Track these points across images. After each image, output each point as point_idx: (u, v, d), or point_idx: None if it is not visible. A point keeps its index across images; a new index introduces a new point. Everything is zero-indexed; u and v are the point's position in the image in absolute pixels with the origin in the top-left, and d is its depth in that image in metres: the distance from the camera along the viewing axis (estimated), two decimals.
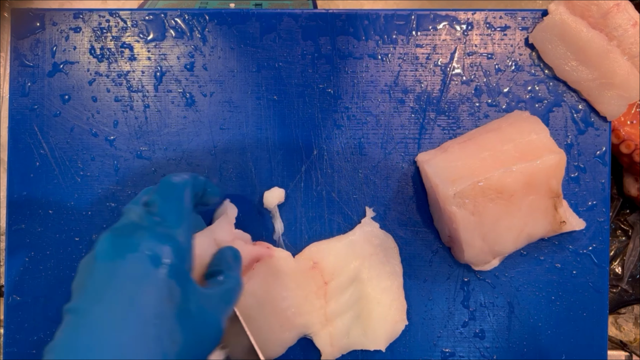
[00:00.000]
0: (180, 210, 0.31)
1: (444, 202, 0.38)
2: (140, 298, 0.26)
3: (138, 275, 0.27)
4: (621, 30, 0.40)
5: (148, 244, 0.28)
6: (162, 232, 0.29)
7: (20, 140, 0.43)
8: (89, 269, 0.28)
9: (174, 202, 0.31)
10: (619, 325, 0.62)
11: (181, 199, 0.31)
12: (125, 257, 0.27)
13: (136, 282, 0.27)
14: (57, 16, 0.43)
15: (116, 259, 0.27)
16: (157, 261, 0.27)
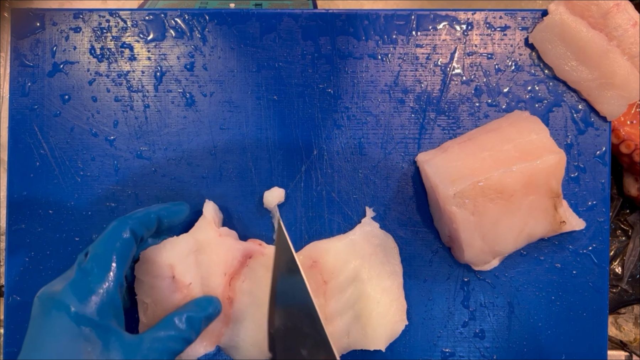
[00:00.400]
0: (106, 262, 0.32)
1: (444, 202, 0.38)
2: (61, 351, 0.29)
3: (57, 330, 0.30)
4: (621, 30, 0.40)
5: (67, 300, 0.30)
6: (83, 286, 0.31)
7: (20, 140, 0.43)
8: (30, 321, 0.31)
9: (102, 254, 0.33)
10: (619, 325, 0.62)
11: (110, 250, 0.33)
12: (49, 313, 0.30)
13: (55, 337, 0.30)
14: (57, 16, 0.43)
15: (43, 314, 0.31)
16: (74, 317, 0.30)
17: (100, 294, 0.31)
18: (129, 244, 0.34)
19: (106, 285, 0.31)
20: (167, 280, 0.37)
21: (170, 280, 0.37)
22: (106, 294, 0.31)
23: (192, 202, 0.43)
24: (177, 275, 0.37)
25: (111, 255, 0.32)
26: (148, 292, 0.37)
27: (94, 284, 0.31)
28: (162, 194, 0.43)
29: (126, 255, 0.33)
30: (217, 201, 0.42)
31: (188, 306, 0.36)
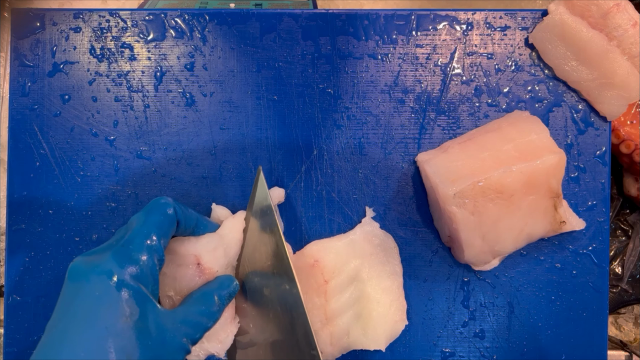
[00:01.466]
0: (148, 233, 0.33)
1: (444, 202, 0.38)
2: (96, 315, 0.29)
3: (96, 294, 0.30)
4: (621, 30, 0.40)
5: (108, 265, 0.30)
6: (124, 253, 0.31)
7: (20, 140, 0.43)
8: (62, 289, 0.31)
9: (144, 225, 0.33)
10: (619, 325, 0.62)
11: (152, 222, 0.33)
12: (88, 278, 0.30)
13: (94, 300, 0.30)
14: (57, 16, 0.43)
15: (80, 279, 0.30)
16: (115, 281, 0.30)
17: (140, 263, 0.31)
18: (170, 220, 0.34)
19: (146, 256, 0.32)
20: (191, 267, 0.37)
21: (195, 267, 0.37)
22: (146, 263, 0.31)
23: (192, 202, 0.43)
24: (203, 263, 0.37)
25: (153, 227, 0.33)
26: (171, 285, 0.37)
27: (135, 253, 0.31)
28: (162, 194, 0.43)
29: (167, 230, 0.34)
30: (217, 201, 0.42)
31: (212, 284, 0.36)
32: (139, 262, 0.31)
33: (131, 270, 0.31)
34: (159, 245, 0.33)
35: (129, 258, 0.31)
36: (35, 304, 0.42)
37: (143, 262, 0.31)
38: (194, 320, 0.33)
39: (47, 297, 0.42)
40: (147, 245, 0.32)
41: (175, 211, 0.34)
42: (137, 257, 0.31)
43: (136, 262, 0.31)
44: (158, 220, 0.33)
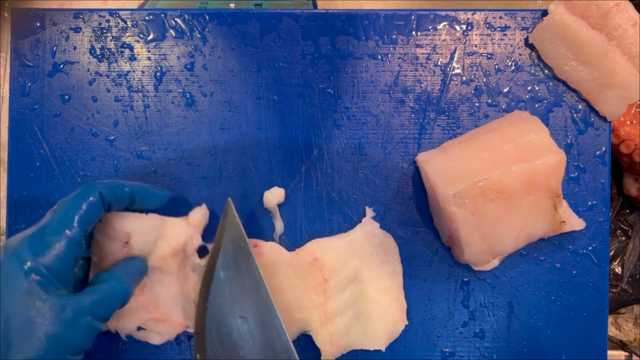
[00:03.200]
0: (66, 220, 0.33)
1: (444, 202, 0.38)
2: (6, 297, 0.31)
3: (7, 277, 0.31)
4: (621, 30, 0.40)
5: (21, 249, 0.32)
6: (39, 239, 0.32)
7: (20, 140, 0.43)
8: None
9: (64, 211, 0.34)
10: (619, 325, 0.62)
11: (73, 208, 0.34)
12: (5, 262, 0.32)
13: (5, 283, 0.31)
14: (57, 16, 0.43)
15: (1, 260, 0.32)
16: (25, 266, 0.31)
17: (54, 249, 0.32)
18: (94, 207, 0.35)
19: (62, 242, 0.32)
20: (118, 243, 0.38)
21: (121, 244, 0.38)
22: (60, 250, 0.32)
23: (192, 202, 0.43)
24: (131, 243, 0.38)
25: (73, 214, 0.33)
26: (97, 251, 0.38)
27: (49, 238, 0.32)
28: None
29: (89, 217, 0.34)
30: (217, 201, 0.42)
31: (120, 263, 0.37)
32: (53, 248, 0.32)
33: (43, 256, 0.32)
34: (77, 231, 0.33)
35: (43, 243, 0.32)
36: None
37: (57, 248, 0.32)
38: (99, 299, 0.33)
39: None
40: (65, 233, 0.33)
41: (101, 196, 0.35)
42: (50, 242, 0.32)
43: (50, 247, 0.32)
44: (80, 207, 0.34)
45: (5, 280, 0.31)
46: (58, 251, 0.32)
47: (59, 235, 0.33)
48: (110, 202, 0.36)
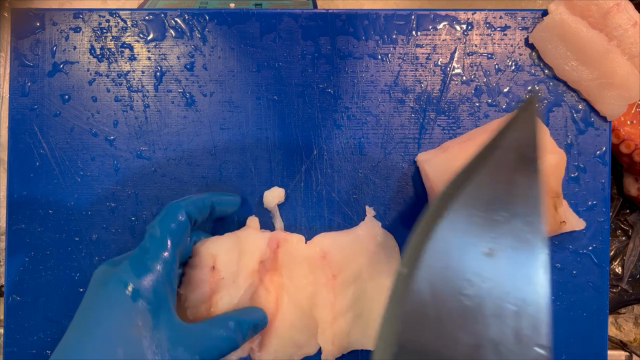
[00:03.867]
0: (162, 242, 0.33)
1: None
2: (110, 322, 0.30)
3: (112, 302, 0.31)
4: (621, 30, 0.40)
5: (125, 274, 0.32)
6: (141, 263, 0.32)
7: (20, 140, 0.43)
8: (85, 294, 0.33)
9: (158, 233, 0.34)
10: (619, 325, 0.61)
11: (165, 230, 0.34)
12: (106, 285, 0.32)
13: (109, 308, 0.31)
14: (57, 16, 0.43)
15: (99, 286, 0.32)
16: (130, 290, 0.31)
17: (156, 272, 0.32)
18: (184, 226, 0.35)
19: (161, 265, 0.33)
20: (205, 270, 0.38)
21: (209, 270, 0.38)
22: (161, 272, 0.32)
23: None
24: (217, 266, 0.38)
25: (166, 235, 0.34)
26: (185, 284, 0.38)
27: (150, 262, 0.32)
28: (162, 194, 0.43)
29: (181, 235, 0.34)
30: None
31: (239, 311, 0.37)
32: (155, 271, 0.32)
33: (147, 280, 0.32)
34: (173, 252, 0.33)
35: (145, 267, 0.32)
36: (35, 304, 0.42)
37: (158, 271, 0.32)
38: (210, 343, 0.33)
39: (47, 297, 0.42)
40: (161, 254, 0.33)
41: (187, 214, 0.35)
42: (152, 266, 0.32)
43: (152, 270, 0.32)
44: (170, 227, 0.34)
45: (114, 308, 0.31)
46: (161, 274, 0.32)
47: (157, 257, 0.33)
48: (196, 218, 0.36)
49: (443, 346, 0.24)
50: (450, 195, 0.27)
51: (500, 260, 0.25)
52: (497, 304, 0.25)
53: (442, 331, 0.25)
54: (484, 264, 0.25)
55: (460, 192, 0.26)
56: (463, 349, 0.24)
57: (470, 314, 0.25)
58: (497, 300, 0.25)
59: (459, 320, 0.25)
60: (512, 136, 0.27)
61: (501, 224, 0.26)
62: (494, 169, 0.26)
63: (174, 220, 0.35)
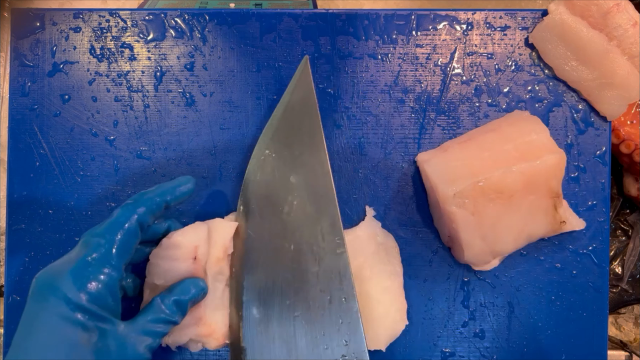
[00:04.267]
0: (108, 253, 0.32)
1: (444, 202, 0.38)
2: (57, 338, 0.30)
3: (55, 318, 0.30)
4: (621, 30, 0.40)
5: (66, 288, 0.30)
6: (82, 275, 0.31)
7: (20, 140, 0.43)
8: (26, 304, 0.32)
9: (104, 244, 0.32)
10: (619, 325, 0.62)
11: (112, 240, 0.33)
12: (47, 299, 0.30)
13: (54, 324, 0.30)
14: (57, 16, 0.43)
15: (41, 300, 0.31)
16: (72, 304, 0.30)
17: (99, 284, 0.31)
18: (133, 235, 0.34)
19: (106, 276, 0.32)
20: (188, 262, 0.37)
21: (191, 261, 0.37)
22: (105, 284, 0.31)
23: (192, 202, 0.43)
24: (198, 256, 0.37)
25: (112, 245, 0.32)
26: (162, 275, 0.37)
27: (93, 274, 0.31)
28: None
29: (129, 246, 0.33)
30: (217, 201, 0.42)
31: (177, 289, 0.35)
32: (98, 283, 0.31)
33: (89, 292, 0.31)
34: (118, 262, 0.32)
35: (87, 279, 0.31)
36: None
37: (102, 283, 0.31)
38: (152, 331, 0.33)
39: None
40: (106, 265, 0.32)
41: (139, 223, 0.34)
42: (95, 278, 0.31)
43: (95, 282, 0.31)
44: (117, 237, 0.33)
45: (59, 324, 0.30)
46: (104, 285, 0.31)
47: (100, 269, 0.32)
48: (148, 222, 0.35)
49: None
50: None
51: (300, 184, 0.38)
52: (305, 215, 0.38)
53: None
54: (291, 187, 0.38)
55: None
56: (289, 255, 0.38)
57: (289, 227, 0.38)
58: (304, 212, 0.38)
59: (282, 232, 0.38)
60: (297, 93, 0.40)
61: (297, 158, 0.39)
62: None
63: (121, 228, 0.33)
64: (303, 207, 0.38)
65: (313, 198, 0.38)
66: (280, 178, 0.38)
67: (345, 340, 0.36)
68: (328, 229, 0.37)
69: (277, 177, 0.39)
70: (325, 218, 0.38)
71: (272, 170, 0.39)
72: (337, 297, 0.37)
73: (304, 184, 0.38)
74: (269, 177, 0.39)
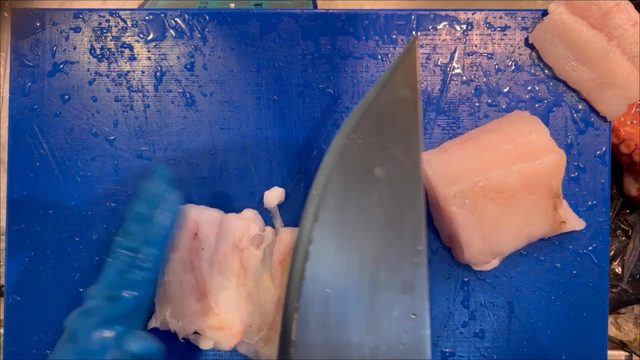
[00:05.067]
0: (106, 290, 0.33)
1: (444, 202, 0.38)
2: None
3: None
4: (621, 30, 0.40)
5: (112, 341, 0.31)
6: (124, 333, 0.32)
7: (20, 140, 0.43)
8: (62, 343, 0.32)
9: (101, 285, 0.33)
10: (619, 325, 0.62)
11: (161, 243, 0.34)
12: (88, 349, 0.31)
13: None
14: (57, 16, 0.43)
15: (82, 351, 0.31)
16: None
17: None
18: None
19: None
20: (189, 234, 0.38)
21: (191, 235, 0.38)
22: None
23: (192, 203, 0.43)
24: (199, 234, 0.38)
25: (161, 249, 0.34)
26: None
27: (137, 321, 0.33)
28: None
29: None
30: (217, 201, 0.42)
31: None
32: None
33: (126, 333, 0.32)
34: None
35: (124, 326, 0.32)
36: (35, 304, 0.42)
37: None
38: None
39: (47, 297, 0.42)
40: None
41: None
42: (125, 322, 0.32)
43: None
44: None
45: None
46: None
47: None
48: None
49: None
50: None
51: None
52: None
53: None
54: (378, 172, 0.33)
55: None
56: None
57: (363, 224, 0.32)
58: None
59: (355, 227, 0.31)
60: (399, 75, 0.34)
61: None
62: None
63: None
64: (383, 204, 0.32)
65: (397, 196, 0.32)
66: (365, 168, 0.33)
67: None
68: (409, 234, 0.32)
69: (361, 166, 0.33)
70: (407, 222, 0.32)
71: (355, 158, 0.33)
72: (405, 312, 0.31)
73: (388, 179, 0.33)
74: (349, 164, 0.33)
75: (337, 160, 0.34)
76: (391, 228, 0.31)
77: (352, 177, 0.33)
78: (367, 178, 0.33)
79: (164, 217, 0.34)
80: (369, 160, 0.33)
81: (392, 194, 0.32)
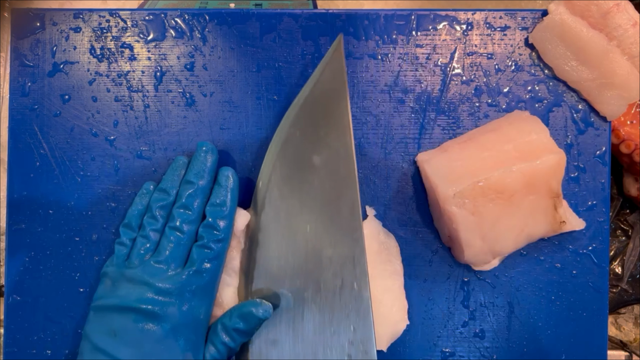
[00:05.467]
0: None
1: (444, 202, 0.38)
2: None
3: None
4: (621, 30, 0.40)
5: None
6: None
7: (20, 140, 0.43)
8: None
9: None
10: (619, 325, 0.62)
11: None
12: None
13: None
14: (57, 16, 0.43)
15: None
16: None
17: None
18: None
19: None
20: (235, 241, 0.40)
21: (237, 242, 0.40)
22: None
23: None
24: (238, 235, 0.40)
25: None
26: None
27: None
28: None
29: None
30: None
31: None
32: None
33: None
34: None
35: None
36: (35, 304, 0.42)
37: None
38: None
39: (47, 297, 0.42)
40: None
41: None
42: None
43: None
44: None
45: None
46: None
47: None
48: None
49: None
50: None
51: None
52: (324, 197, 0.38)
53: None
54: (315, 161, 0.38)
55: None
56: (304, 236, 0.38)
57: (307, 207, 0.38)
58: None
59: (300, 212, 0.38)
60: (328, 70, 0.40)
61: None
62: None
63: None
64: (323, 188, 0.38)
65: (334, 180, 0.38)
66: (303, 157, 0.38)
67: (353, 327, 0.36)
68: (347, 212, 0.37)
69: (300, 157, 0.39)
70: (345, 201, 0.37)
71: (295, 149, 0.39)
72: (348, 283, 0.36)
73: (326, 165, 0.38)
74: (291, 155, 0.39)
75: (279, 153, 0.39)
76: (331, 207, 0.37)
77: (293, 167, 0.39)
78: (306, 166, 0.38)
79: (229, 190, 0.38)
80: (307, 150, 0.38)
81: (330, 178, 0.38)
